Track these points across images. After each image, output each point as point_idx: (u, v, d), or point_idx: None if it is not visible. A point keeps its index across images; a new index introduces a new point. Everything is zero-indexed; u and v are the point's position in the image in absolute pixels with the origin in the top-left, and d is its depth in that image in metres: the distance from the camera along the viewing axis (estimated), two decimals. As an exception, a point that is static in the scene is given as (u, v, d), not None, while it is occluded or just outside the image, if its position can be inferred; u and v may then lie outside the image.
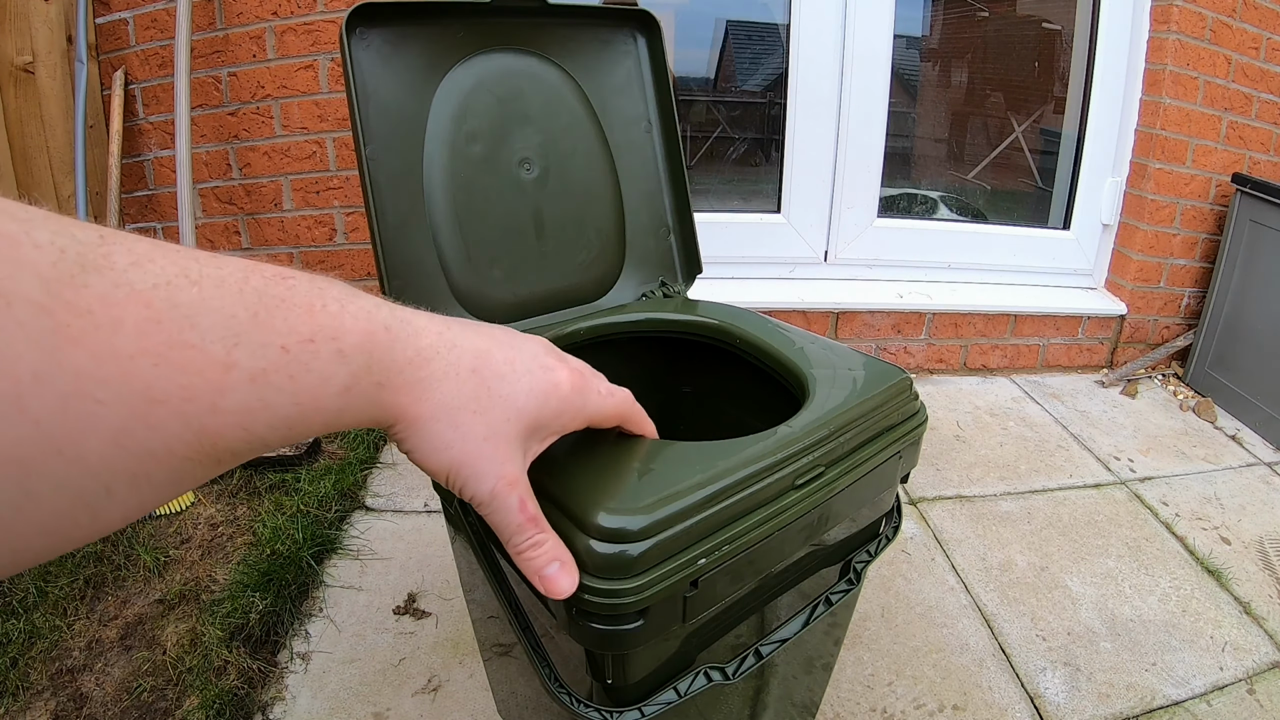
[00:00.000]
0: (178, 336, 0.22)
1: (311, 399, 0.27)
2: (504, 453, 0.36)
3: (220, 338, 0.23)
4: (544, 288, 0.85)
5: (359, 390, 0.29)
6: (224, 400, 0.24)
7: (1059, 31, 2.14)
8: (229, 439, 0.24)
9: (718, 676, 0.58)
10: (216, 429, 0.24)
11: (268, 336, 0.25)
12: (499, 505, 0.37)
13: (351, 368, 0.28)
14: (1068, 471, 1.62)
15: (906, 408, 0.69)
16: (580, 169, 0.87)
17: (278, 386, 0.25)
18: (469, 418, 0.34)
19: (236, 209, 1.75)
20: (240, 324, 0.24)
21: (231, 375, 0.24)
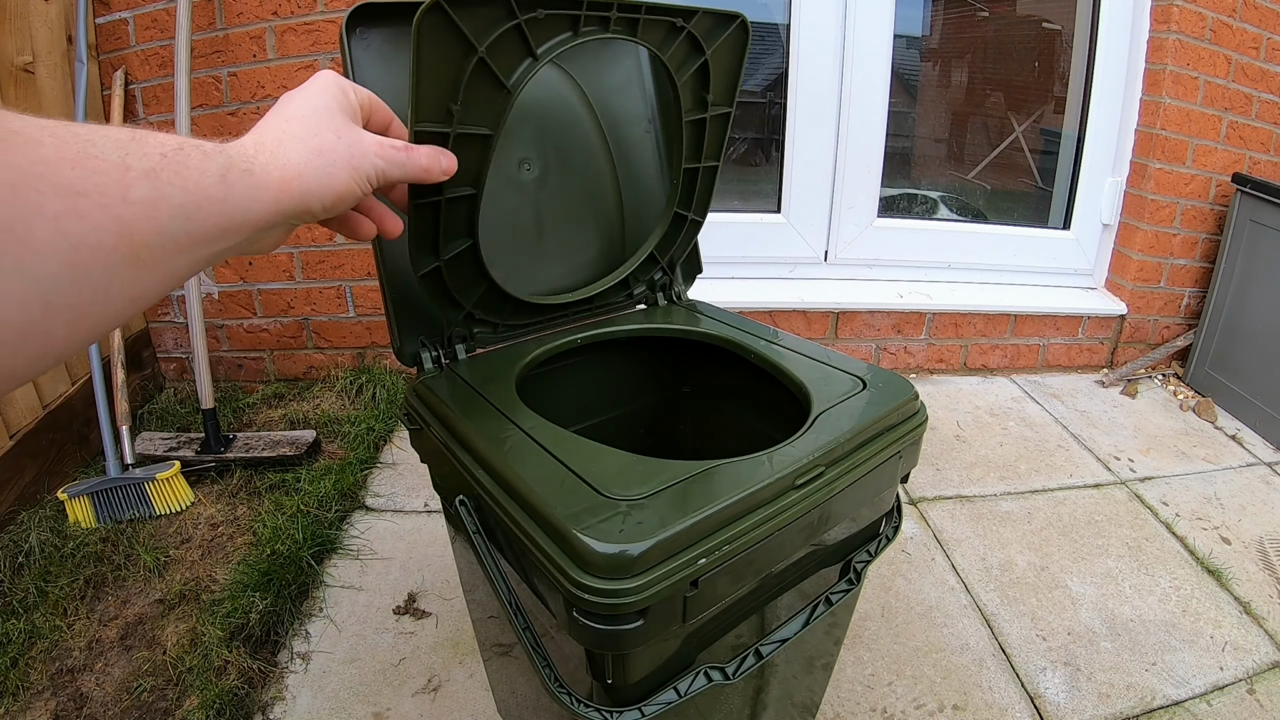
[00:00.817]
0: (83, 150, 0.28)
1: (197, 187, 0.33)
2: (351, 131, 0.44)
3: (113, 150, 0.29)
4: (544, 287, 0.85)
5: (234, 177, 0.35)
6: (130, 193, 0.29)
7: (1059, 31, 2.14)
8: (143, 229, 0.30)
9: (718, 676, 0.58)
10: (131, 219, 0.29)
11: (147, 148, 0.31)
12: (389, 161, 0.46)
13: (218, 161, 0.35)
14: (1068, 471, 1.62)
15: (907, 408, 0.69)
16: (580, 169, 0.87)
17: (167, 180, 0.31)
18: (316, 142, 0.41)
19: (236, 209, 1.75)
20: (124, 144, 0.30)
21: (130, 174, 0.30)
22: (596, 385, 0.91)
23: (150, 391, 1.82)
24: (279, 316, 1.85)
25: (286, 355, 1.90)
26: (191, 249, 0.33)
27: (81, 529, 1.33)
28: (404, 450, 1.62)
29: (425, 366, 0.75)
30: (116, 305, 0.30)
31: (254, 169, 0.37)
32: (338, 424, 1.68)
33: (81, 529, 1.33)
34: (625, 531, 0.49)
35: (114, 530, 1.33)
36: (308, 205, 0.40)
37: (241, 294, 1.82)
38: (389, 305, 0.74)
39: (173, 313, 1.84)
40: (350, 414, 1.72)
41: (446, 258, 0.66)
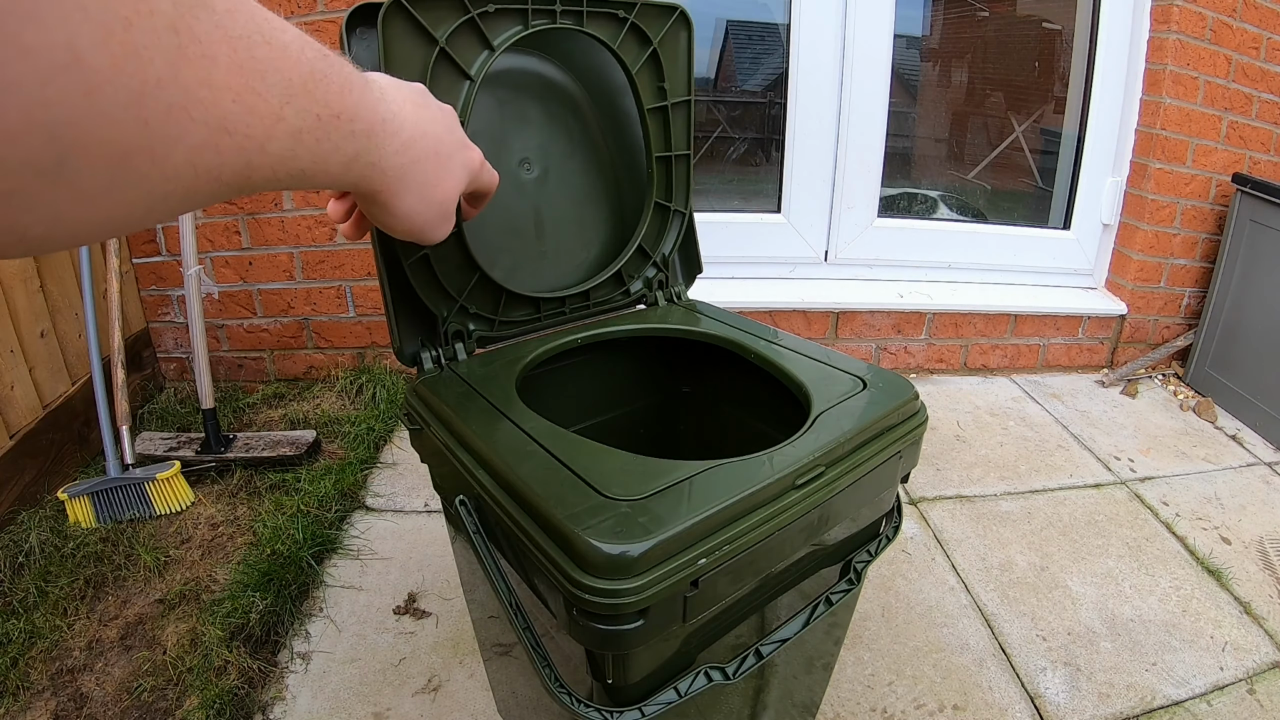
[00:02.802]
0: (251, 84, 0.27)
1: (323, 161, 0.33)
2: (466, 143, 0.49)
3: (279, 94, 0.28)
4: (544, 286, 0.85)
5: (358, 165, 0.36)
6: (270, 145, 0.29)
7: (1059, 31, 2.14)
8: (260, 175, 0.30)
9: (718, 676, 0.58)
10: (257, 165, 0.29)
11: (309, 104, 0.30)
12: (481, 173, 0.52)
13: (357, 146, 0.35)
14: (1068, 471, 1.62)
15: (907, 408, 0.69)
16: (580, 169, 0.87)
17: (307, 146, 0.31)
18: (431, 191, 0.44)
19: (236, 209, 1.75)
20: (293, 87, 0.29)
21: (280, 126, 0.29)
22: (596, 385, 0.91)
23: (150, 391, 1.82)
24: (279, 316, 1.85)
25: (286, 355, 1.90)
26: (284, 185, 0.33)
27: (81, 529, 1.33)
28: (404, 450, 1.62)
29: (425, 366, 0.75)
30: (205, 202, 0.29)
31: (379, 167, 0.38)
32: (338, 424, 1.68)
33: (81, 529, 1.33)
34: (625, 532, 0.49)
35: (114, 530, 1.33)
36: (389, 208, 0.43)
37: (241, 294, 1.83)
38: (389, 305, 0.74)
39: (173, 313, 1.84)
40: (350, 414, 1.72)
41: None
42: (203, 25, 0.24)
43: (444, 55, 0.66)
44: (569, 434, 0.61)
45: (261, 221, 1.76)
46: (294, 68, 0.29)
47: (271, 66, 0.28)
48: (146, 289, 1.82)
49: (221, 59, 0.25)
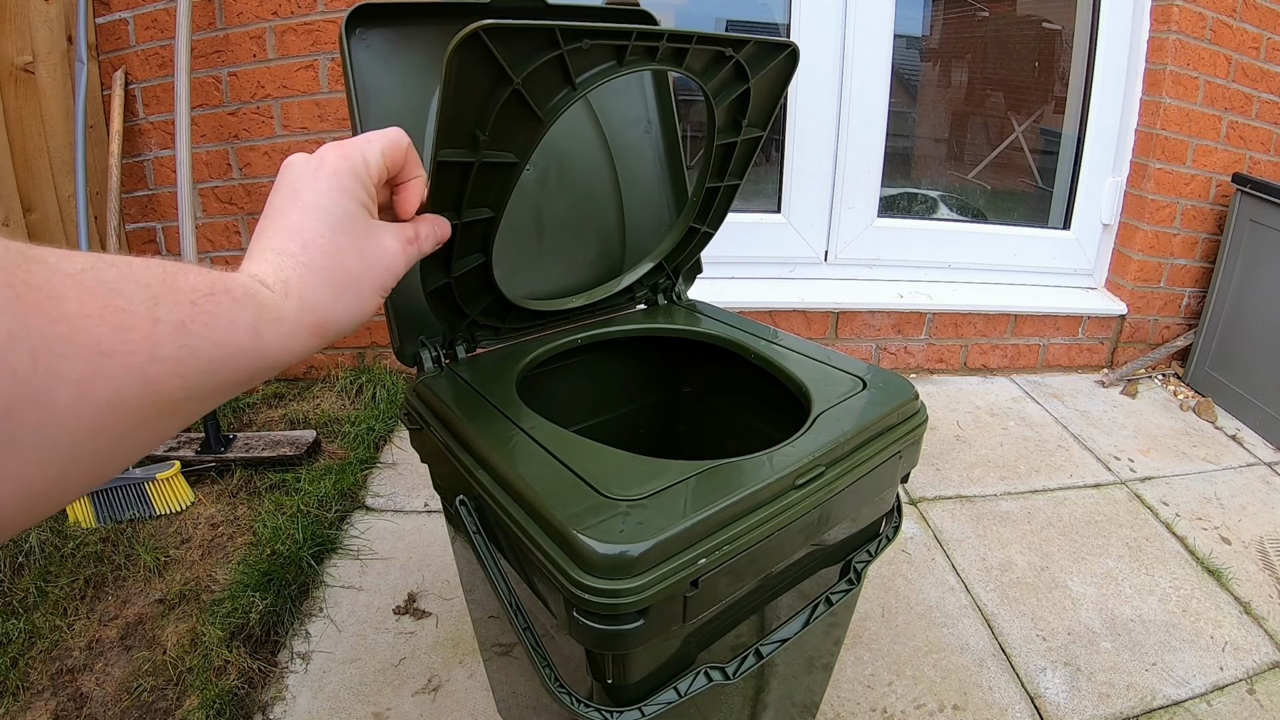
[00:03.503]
0: (109, 302, 0.27)
1: (229, 340, 0.32)
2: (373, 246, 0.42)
3: (143, 300, 0.28)
4: (544, 287, 0.85)
5: (265, 327, 0.34)
6: (159, 350, 0.28)
7: (1059, 31, 2.14)
8: (169, 387, 0.29)
9: (718, 676, 0.58)
10: (158, 377, 0.28)
11: (178, 295, 0.30)
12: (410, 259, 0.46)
13: (249, 311, 0.33)
14: (1068, 471, 1.62)
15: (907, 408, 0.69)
16: (580, 169, 0.87)
17: (198, 334, 0.30)
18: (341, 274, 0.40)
19: (236, 209, 1.75)
20: (154, 289, 0.29)
21: (159, 328, 0.28)
22: (596, 385, 0.91)
23: (150, 391, 1.82)
24: (279, 316, 1.85)
25: (286, 355, 1.89)
26: (217, 395, 0.32)
27: (81, 529, 1.33)
28: (404, 450, 1.62)
29: (425, 366, 0.75)
30: (135, 451, 0.29)
31: (284, 316, 0.36)
32: (338, 424, 1.68)
33: (81, 529, 1.33)
34: (625, 532, 0.49)
35: (114, 530, 1.33)
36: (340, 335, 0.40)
37: (241, 294, 1.82)
38: (389, 305, 0.74)
39: (173, 313, 1.84)
40: (350, 414, 1.72)
41: (457, 275, 0.65)
42: (37, 275, 0.25)
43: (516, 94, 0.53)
44: (569, 434, 0.61)
45: (261, 221, 1.76)
46: (147, 273, 0.29)
47: (125, 280, 0.28)
48: (146, 289, 1.82)
49: (69, 294, 0.26)
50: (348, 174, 0.42)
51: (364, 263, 0.41)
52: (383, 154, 0.45)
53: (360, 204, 0.42)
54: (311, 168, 0.42)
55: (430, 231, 0.50)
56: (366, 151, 0.44)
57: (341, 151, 0.43)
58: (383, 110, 0.73)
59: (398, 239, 0.45)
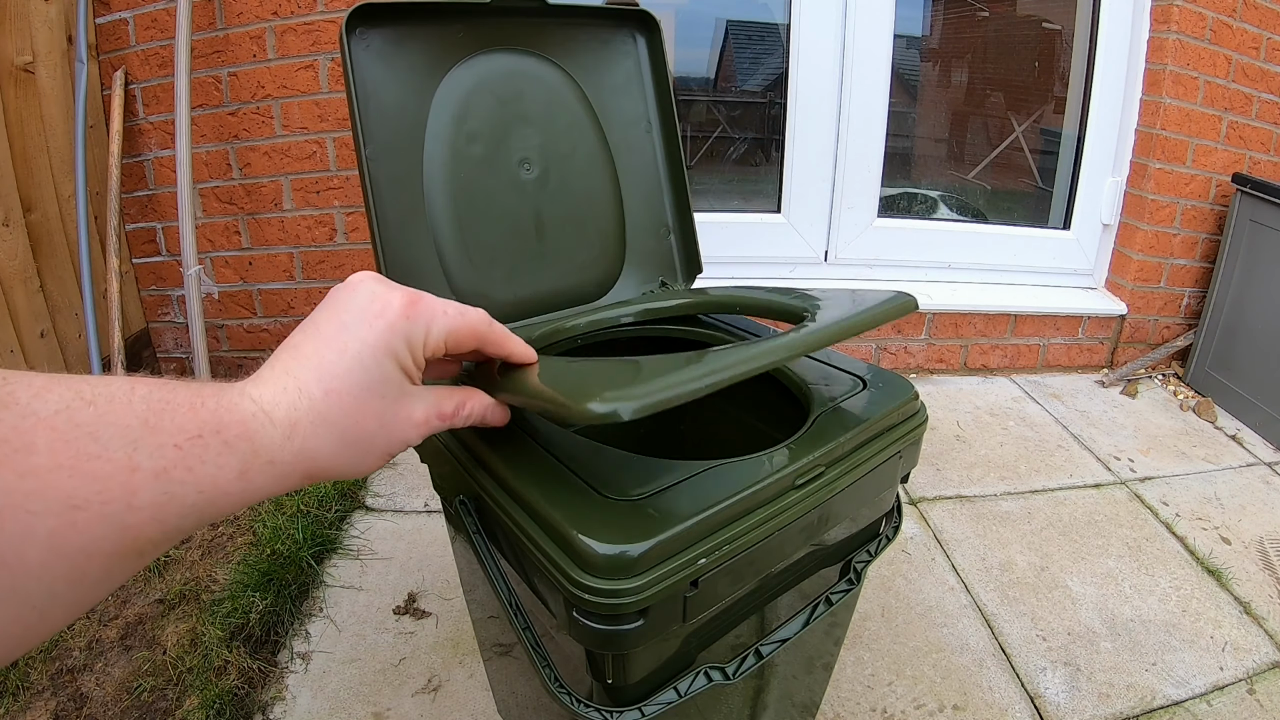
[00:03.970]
0: (84, 449, 0.26)
1: (213, 486, 0.30)
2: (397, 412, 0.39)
3: (120, 446, 0.27)
4: (544, 287, 0.85)
5: (255, 471, 0.32)
6: (136, 498, 0.27)
7: (1059, 31, 2.14)
8: (148, 533, 0.28)
9: (718, 676, 0.58)
10: (136, 525, 0.27)
11: (161, 438, 0.28)
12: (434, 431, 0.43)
13: (240, 455, 0.31)
14: (1068, 471, 1.62)
15: (907, 408, 0.69)
16: (580, 169, 0.87)
17: (179, 480, 0.28)
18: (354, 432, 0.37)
19: (236, 209, 1.75)
20: (134, 432, 0.27)
21: (137, 476, 0.27)
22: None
23: (150, 391, 1.82)
24: (279, 316, 1.85)
25: (286, 355, 1.89)
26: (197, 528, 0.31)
27: (81, 529, 1.33)
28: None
29: (425, 366, 0.75)
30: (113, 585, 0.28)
31: (278, 459, 0.34)
32: (338, 424, 1.68)
33: (81, 529, 1.33)
34: (626, 532, 0.49)
35: (114, 530, 1.33)
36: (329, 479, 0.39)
37: (241, 294, 1.82)
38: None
39: (173, 313, 1.84)
40: (350, 414, 1.72)
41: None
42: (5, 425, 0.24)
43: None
44: (569, 433, 0.61)
45: (261, 222, 1.76)
46: (127, 412, 0.28)
47: (102, 423, 0.26)
48: (146, 289, 1.82)
49: (40, 443, 0.25)
50: (402, 337, 0.39)
51: (382, 428, 0.39)
52: (447, 335, 0.42)
53: (401, 370, 0.39)
54: (373, 311, 0.39)
55: (476, 412, 0.46)
56: (433, 324, 0.41)
57: (409, 310, 0.40)
58: (383, 110, 0.73)
59: (428, 411, 0.42)
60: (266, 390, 0.35)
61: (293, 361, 0.37)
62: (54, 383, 0.26)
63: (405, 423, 0.40)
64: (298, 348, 0.38)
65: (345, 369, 0.37)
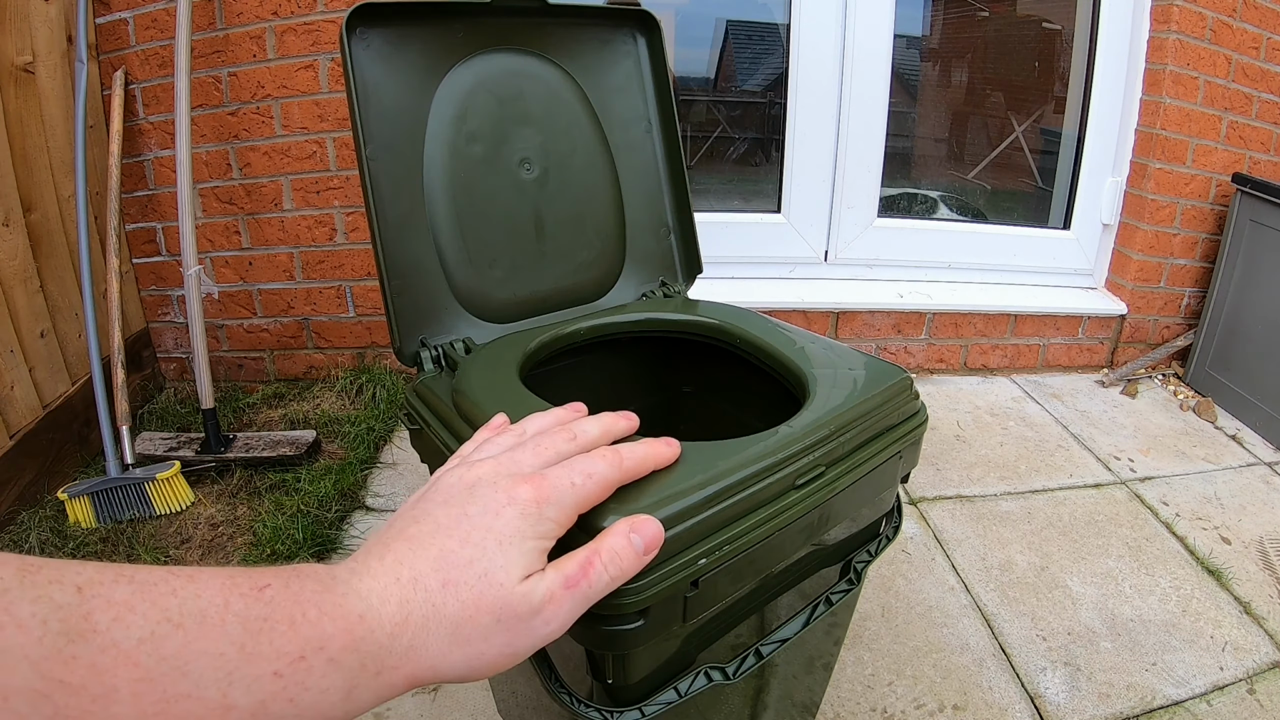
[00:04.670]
0: (172, 690, 0.22)
1: (315, 712, 0.26)
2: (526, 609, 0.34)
3: (214, 681, 0.23)
4: (544, 288, 0.85)
5: (361, 688, 0.28)
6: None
7: (1059, 31, 2.14)
8: None
9: (718, 676, 0.58)
10: None
11: (259, 667, 0.25)
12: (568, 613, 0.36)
13: (346, 671, 0.28)
14: (1068, 471, 1.62)
15: (907, 407, 0.69)
16: (580, 169, 0.87)
17: (279, 713, 0.25)
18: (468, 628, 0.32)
19: (237, 209, 1.75)
20: (230, 661, 0.24)
21: (231, 715, 0.24)
22: (597, 386, 0.91)
23: (150, 391, 1.82)
24: (279, 316, 1.85)
25: (286, 355, 1.90)
26: None
27: (81, 529, 1.33)
28: (404, 450, 1.62)
29: (425, 366, 0.75)
30: None
31: (384, 669, 0.29)
32: (338, 424, 1.68)
33: (81, 529, 1.33)
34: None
35: (114, 530, 1.33)
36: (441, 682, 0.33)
37: (241, 294, 1.82)
38: (389, 305, 0.74)
39: (173, 313, 1.84)
40: (350, 414, 1.72)
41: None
42: (82, 663, 0.21)
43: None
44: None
45: (261, 221, 1.76)
46: (221, 637, 0.24)
47: (192, 653, 0.23)
48: (146, 289, 1.82)
49: (121, 685, 0.21)
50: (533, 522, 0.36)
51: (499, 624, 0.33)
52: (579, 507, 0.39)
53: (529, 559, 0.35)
54: (499, 500, 0.36)
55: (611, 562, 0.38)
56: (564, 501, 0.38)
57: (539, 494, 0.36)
58: (383, 110, 0.73)
59: (550, 586, 0.35)
60: (376, 584, 0.31)
61: (407, 551, 0.33)
62: (137, 599, 0.23)
63: (526, 613, 0.34)
64: (413, 538, 0.34)
65: (468, 560, 0.33)
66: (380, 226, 0.73)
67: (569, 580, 0.36)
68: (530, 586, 0.34)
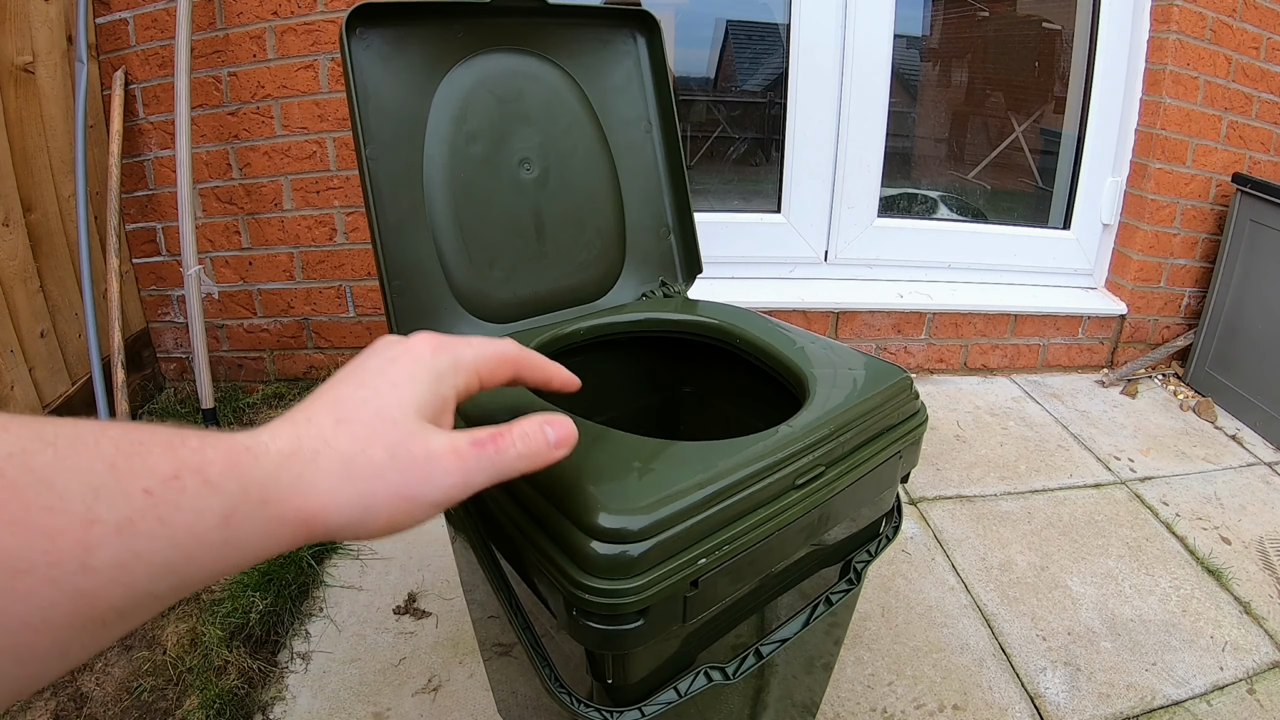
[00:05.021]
0: (35, 501, 0.22)
1: (190, 537, 0.26)
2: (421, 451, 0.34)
3: (79, 494, 0.23)
4: (544, 288, 0.85)
5: (242, 515, 0.28)
6: (93, 558, 0.23)
7: (1059, 31, 2.14)
8: (109, 597, 0.24)
9: (718, 676, 0.58)
10: (92, 589, 0.23)
11: (128, 484, 0.24)
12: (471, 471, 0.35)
13: (225, 496, 0.27)
14: (1068, 471, 1.62)
15: (906, 407, 0.69)
16: (580, 169, 0.87)
17: (148, 533, 0.24)
18: (360, 462, 0.32)
19: (236, 209, 1.75)
20: (99, 477, 0.24)
21: (95, 530, 0.23)
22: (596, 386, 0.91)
23: (150, 391, 1.82)
24: (279, 316, 1.85)
25: (287, 355, 1.89)
26: (175, 595, 0.26)
27: (81, 529, 1.33)
28: (404, 450, 1.62)
29: (425, 366, 0.75)
30: (77, 657, 0.24)
31: (270, 499, 0.29)
32: (338, 424, 1.68)
33: (81, 529, 1.33)
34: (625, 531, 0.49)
35: (114, 530, 1.33)
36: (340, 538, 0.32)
37: (241, 294, 1.82)
38: (389, 305, 0.74)
39: (173, 313, 1.84)
40: (350, 414, 1.72)
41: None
42: None
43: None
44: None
45: (261, 221, 1.76)
46: (93, 455, 0.24)
47: (61, 469, 0.23)
48: (146, 289, 1.82)
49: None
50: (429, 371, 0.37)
51: (392, 460, 0.32)
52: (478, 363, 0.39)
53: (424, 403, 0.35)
54: (394, 353, 0.37)
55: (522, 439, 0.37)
56: (461, 355, 0.39)
57: (435, 346, 0.38)
58: (383, 110, 0.73)
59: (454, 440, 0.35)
60: (270, 428, 0.31)
61: (303, 404, 0.34)
62: (14, 423, 0.23)
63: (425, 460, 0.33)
64: (311, 396, 0.35)
65: (361, 399, 0.34)
66: (380, 226, 0.73)
67: (477, 441, 0.36)
68: (430, 432, 0.34)
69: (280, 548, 0.30)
